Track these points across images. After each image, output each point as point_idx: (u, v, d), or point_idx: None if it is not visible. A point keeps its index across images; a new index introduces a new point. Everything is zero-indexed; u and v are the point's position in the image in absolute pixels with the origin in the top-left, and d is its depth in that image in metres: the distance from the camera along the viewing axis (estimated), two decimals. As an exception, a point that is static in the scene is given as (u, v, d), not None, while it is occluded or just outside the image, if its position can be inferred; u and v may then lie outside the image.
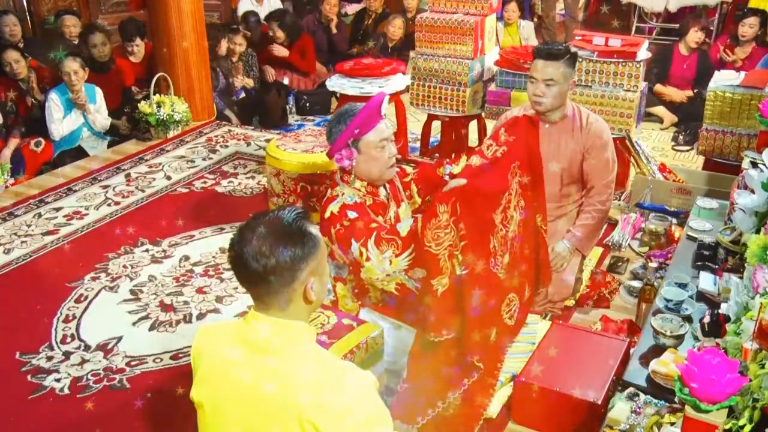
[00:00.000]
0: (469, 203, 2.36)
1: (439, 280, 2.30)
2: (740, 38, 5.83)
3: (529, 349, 2.77)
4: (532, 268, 2.81)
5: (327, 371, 1.53)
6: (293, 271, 1.53)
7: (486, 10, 4.60)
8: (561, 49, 3.09)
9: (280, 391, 1.50)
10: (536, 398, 2.47)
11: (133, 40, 5.75)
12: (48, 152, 4.88)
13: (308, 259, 1.55)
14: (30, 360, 2.94)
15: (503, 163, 2.59)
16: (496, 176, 2.56)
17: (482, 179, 2.49)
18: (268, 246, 1.51)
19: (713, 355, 1.61)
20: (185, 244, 3.84)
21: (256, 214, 1.60)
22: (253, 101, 6.07)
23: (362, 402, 1.51)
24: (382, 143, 2.47)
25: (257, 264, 1.51)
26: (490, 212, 2.48)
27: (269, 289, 1.54)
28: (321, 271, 1.61)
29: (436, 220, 2.28)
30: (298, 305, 1.58)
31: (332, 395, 1.48)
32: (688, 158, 5.26)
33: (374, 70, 4.68)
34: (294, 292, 1.55)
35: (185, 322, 3.18)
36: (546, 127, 3.19)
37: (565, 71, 3.07)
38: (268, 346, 1.55)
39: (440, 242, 2.29)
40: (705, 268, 2.77)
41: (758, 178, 2.51)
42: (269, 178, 4.06)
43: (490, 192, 2.50)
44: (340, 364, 1.59)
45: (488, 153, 2.64)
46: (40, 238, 3.92)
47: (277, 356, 1.54)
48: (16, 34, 5.50)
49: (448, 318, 2.36)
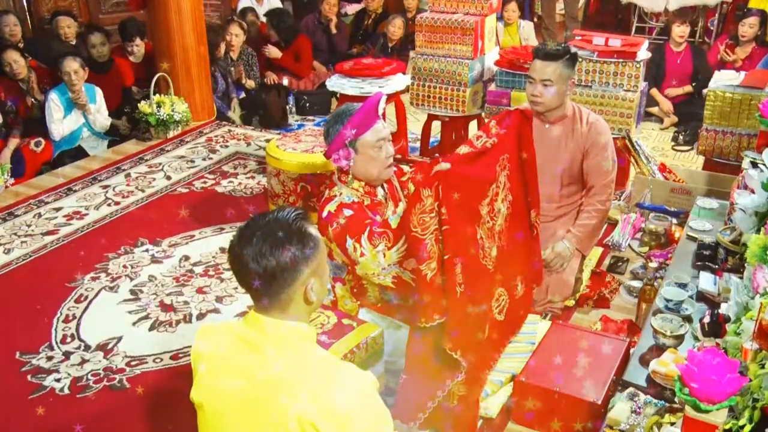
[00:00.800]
0: (453, 188, 2.32)
1: (427, 264, 2.29)
2: (740, 38, 5.83)
3: (529, 349, 2.77)
4: (523, 265, 2.80)
5: (327, 372, 1.53)
6: (293, 272, 1.53)
7: (486, 10, 4.60)
8: (560, 50, 3.09)
9: (279, 393, 1.49)
10: (536, 398, 2.47)
11: (133, 40, 5.76)
12: (48, 152, 4.87)
13: (308, 260, 1.55)
14: (30, 360, 2.94)
15: (492, 154, 2.57)
16: (484, 166, 2.53)
17: (468, 167, 2.46)
18: (269, 247, 1.51)
19: (713, 355, 1.61)
20: (185, 244, 3.84)
21: (256, 214, 1.60)
22: (254, 101, 6.07)
23: (363, 403, 1.51)
24: (379, 143, 2.46)
25: (257, 265, 1.51)
26: (476, 202, 2.46)
27: (269, 290, 1.54)
28: (321, 271, 1.61)
29: (421, 205, 2.25)
30: (298, 306, 1.57)
31: (332, 397, 1.48)
32: (688, 158, 5.26)
33: (374, 70, 4.67)
34: (294, 292, 1.55)
35: (185, 322, 3.18)
36: (546, 127, 3.19)
37: (563, 72, 3.07)
38: (267, 348, 1.54)
39: (426, 227, 2.27)
40: (705, 268, 2.77)
41: (758, 178, 2.51)
42: (269, 178, 4.06)
43: (476, 180, 2.48)
44: (340, 365, 1.59)
45: (477, 143, 2.61)
46: (40, 238, 3.92)
47: (276, 358, 1.53)
48: (17, 34, 5.50)
49: (439, 302, 2.35)
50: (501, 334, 2.66)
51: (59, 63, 4.82)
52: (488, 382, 2.66)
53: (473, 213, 2.45)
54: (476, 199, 2.46)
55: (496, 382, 2.66)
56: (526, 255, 2.83)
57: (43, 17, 6.49)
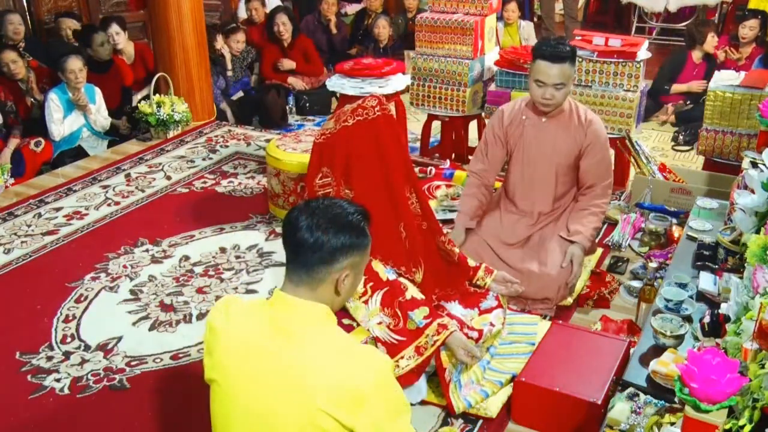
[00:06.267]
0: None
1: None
2: (740, 40, 5.83)
3: (529, 349, 2.77)
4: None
5: (346, 355, 1.58)
6: (335, 254, 1.61)
7: (486, 10, 4.60)
8: (568, 51, 3.05)
9: (297, 372, 1.54)
10: (536, 398, 2.47)
11: (109, 26, 5.70)
12: (48, 152, 4.87)
13: (352, 252, 1.64)
14: (30, 360, 2.94)
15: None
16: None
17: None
18: (325, 223, 1.61)
19: (713, 355, 1.61)
20: (185, 244, 3.84)
21: (328, 197, 1.74)
22: (253, 101, 6.07)
23: (380, 389, 1.56)
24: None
25: (309, 234, 1.60)
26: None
27: (307, 262, 1.61)
28: (357, 271, 1.69)
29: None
30: (327, 290, 1.64)
31: (350, 381, 1.53)
32: (688, 158, 5.27)
33: (374, 70, 4.68)
34: (328, 275, 1.62)
35: (185, 322, 3.18)
36: (543, 120, 3.20)
37: (570, 71, 3.06)
38: (289, 326, 1.60)
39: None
40: (705, 268, 2.77)
41: (758, 178, 2.51)
42: (269, 178, 4.06)
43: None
44: (359, 349, 1.65)
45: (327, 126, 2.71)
46: (40, 238, 3.92)
47: (297, 337, 1.59)
48: (20, 33, 5.49)
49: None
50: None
51: (62, 62, 4.81)
52: (488, 382, 2.66)
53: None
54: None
55: (496, 383, 2.66)
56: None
57: (44, 17, 6.49)
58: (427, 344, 2.46)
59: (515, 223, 3.30)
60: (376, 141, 2.58)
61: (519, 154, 3.28)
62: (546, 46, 3.08)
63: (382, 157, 2.59)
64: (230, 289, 3.42)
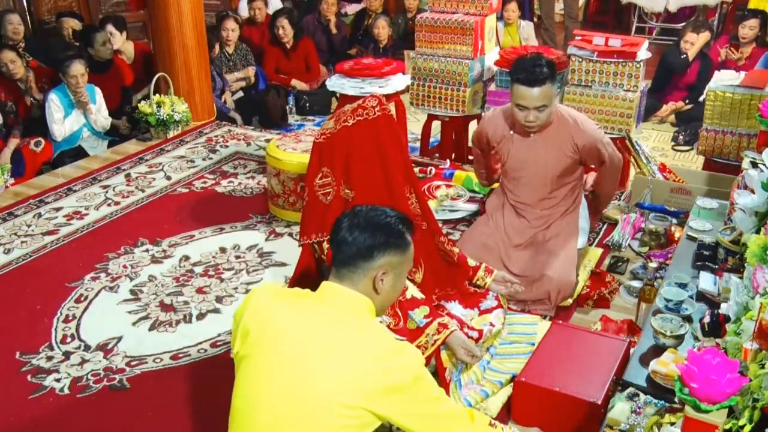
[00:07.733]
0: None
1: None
2: (741, 40, 5.83)
3: (529, 349, 2.77)
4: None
5: (382, 346, 1.67)
6: (372, 250, 1.75)
7: (486, 10, 4.60)
8: (546, 72, 2.91)
9: (335, 360, 1.62)
10: (536, 398, 2.47)
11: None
12: (48, 152, 4.87)
13: (388, 250, 1.77)
14: (30, 360, 2.94)
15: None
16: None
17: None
18: (364, 223, 1.78)
19: (713, 355, 1.61)
20: (185, 244, 3.84)
21: (375, 206, 1.88)
22: (253, 101, 6.07)
23: (416, 382, 1.64)
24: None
25: (348, 233, 1.77)
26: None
27: (348, 257, 1.76)
28: (396, 273, 1.81)
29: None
30: (367, 287, 1.77)
31: (386, 375, 1.61)
32: (688, 158, 5.27)
33: (374, 70, 4.68)
34: (368, 271, 1.76)
35: (185, 322, 3.18)
36: (531, 137, 3.18)
37: (552, 90, 2.97)
38: (331, 312, 1.71)
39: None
40: (705, 268, 2.77)
41: (758, 178, 2.51)
42: (269, 178, 4.07)
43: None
44: (394, 342, 1.72)
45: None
46: (40, 238, 3.92)
47: (339, 324, 1.69)
48: (20, 33, 5.49)
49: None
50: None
51: (64, 66, 4.80)
52: (488, 382, 2.67)
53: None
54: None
55: (496, 383, 2.66)
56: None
57: (44, 17, 6.49)
58: (428, 343, 2.46)
59: (519, 222, 3.29)
60: (376, 141, 2.58)
61: (511, 164, 3.29)
62: (521, 71, 2.94)
63: (382, 157, 2.58)
64: (230, 289, 3.42)
